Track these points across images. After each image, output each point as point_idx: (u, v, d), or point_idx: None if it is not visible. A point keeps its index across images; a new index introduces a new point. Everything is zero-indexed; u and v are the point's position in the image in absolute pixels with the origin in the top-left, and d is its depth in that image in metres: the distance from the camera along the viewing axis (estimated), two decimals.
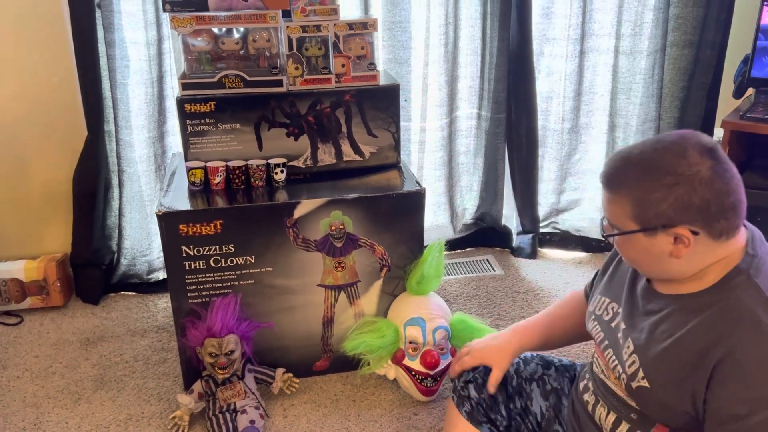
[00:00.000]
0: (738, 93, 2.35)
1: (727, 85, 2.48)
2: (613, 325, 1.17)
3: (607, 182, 1.05)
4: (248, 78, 1.84)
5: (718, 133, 2.40)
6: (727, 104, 2.46)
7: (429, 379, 1.81)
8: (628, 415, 1.12)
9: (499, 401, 1.35)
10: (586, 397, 1.23)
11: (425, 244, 1.93)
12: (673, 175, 0.97)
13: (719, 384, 0.96)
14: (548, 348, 1.39)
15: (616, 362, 1.13)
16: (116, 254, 2.42)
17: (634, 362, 1.08)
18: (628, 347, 1.10)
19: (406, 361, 1.82)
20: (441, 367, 1.81)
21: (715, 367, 0.96)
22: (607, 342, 1.17)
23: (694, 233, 0.99)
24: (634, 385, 1.08)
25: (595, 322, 1.22)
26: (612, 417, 1.15)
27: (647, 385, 1.05)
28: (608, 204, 1.05)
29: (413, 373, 1.82)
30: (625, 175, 1.02)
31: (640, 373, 1.07)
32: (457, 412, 1.35)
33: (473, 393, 1.34)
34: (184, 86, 1.83)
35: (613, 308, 1.19)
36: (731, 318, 0.97)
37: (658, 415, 1.07)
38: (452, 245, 2.68)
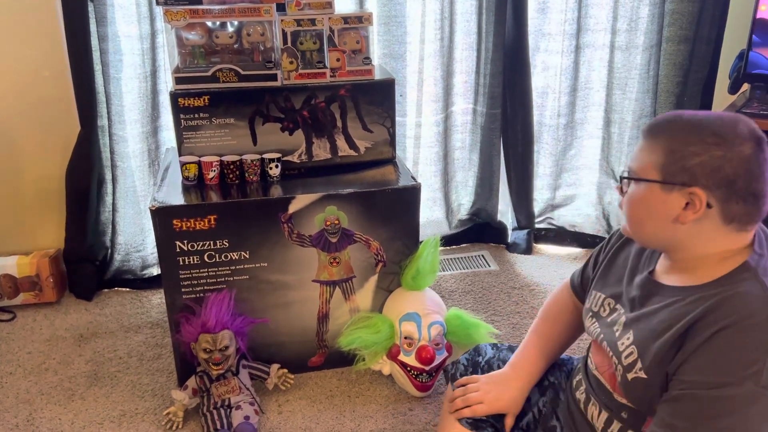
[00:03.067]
0: (733, 88, 2.35)
1: (722, 80, 2.48)
2: (609, 320, 1.16)
3: (649, 129, 1.04)
4: (242, 72, 1.83)
5: None
6: (722, 100, 2.46)
7: (424, 374, 1.81)
8: (619, 414, 1.11)
9: None
10: (578, 394, 1.22)
11: (420, 239, 1.92)
12: (717, 136, 0.97)
13: (692, 357, 0.97)
14: (550, 364, 1.37)
15: (612, 354, 1.12)
16: (110, 250, 2.40)
17: (632, 353, 1.07)
18: (628, 338, 1.09)
19: (402, 357, 1.82)
20: (436, 362, 1.80)
21: (697, 346, 0.96)
22: (603, 336, 1.17)
23: (708, 206, 0.98)
24: (630, 376, 1.07)
25: (593, 320, 1.21)
26: (604, 415, 1.14)
27: (644, 376, 1.05)
28: (640, 151, 1.04)
29: (408, 368, 1.81)
30: (671, 125, 1.02)
31: (638, 364, 1.06)
32: (456, 422, 1.33)
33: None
34: (178, 80, 1.82)
35: (609, 304, 1.18)
36: (728, 306, 0.96)
37: (652, 406, 1.07)
38: (447, 241, 2.68)
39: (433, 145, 2.56)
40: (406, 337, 1.81)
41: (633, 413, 1.10)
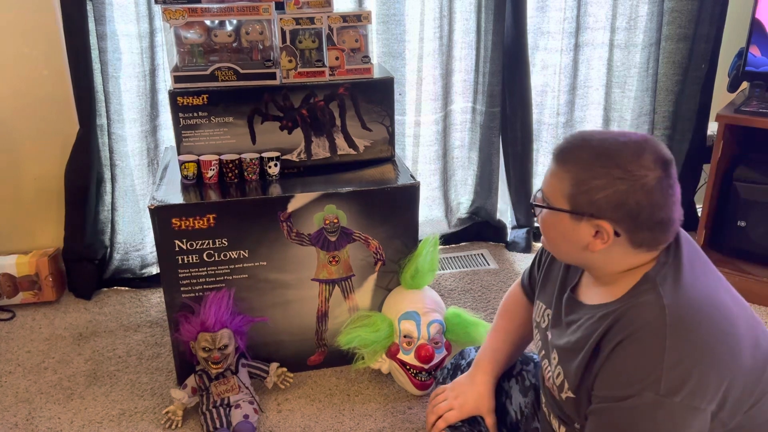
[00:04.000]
0: (732, 87, 2.35)
1: (721, 78, 2.48)
2: (547, 333, 1.18)
3: (557, 154, 1.04)
4: (241, 71, 1.83)
5: (713, 126, 2.40)
6: (721, 98, 2.46)
7: (423, 373, 1.81)
8: (573, 426, 1.12)
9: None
10: (543, 407, 1.23)
11: (420, 238, 1.92)
12: (621, 169, 0.97)
13: (600, 371, 1.00)
14: (515, 358, 1.38)
15: (550, 373, 1.14)
16: (109, 249, 2.40)
17: (560, 374, 1.10)
18: (554, 358, 1.11)
19: (401, 355, 1.82)
20: (435, 361, 1.81)
21: (603, 361, 1.00)
22: (543, 352, 1.18)
23: (616, 234, 0.99)
24: (563, 396, 1.09)
25: (536, 331, 1.23)
26: (563, 428, 1.15)
27: (572, 395, 1.07)
28: (550, 176, 1.05)
29: (408, 367, 1.81)
30: (578, 152, 1.01)
31: (566, 385, 1.08)
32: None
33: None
34: (177, 79, 1.82)
35: (547, 315, 1.20)
36: (626, 319, 0.98)
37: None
38: (447, 239, 2.68)
39: (432, 144, 2.55)
40: (405, 336, 1.81)
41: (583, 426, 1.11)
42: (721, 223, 2.33)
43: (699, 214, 2.43)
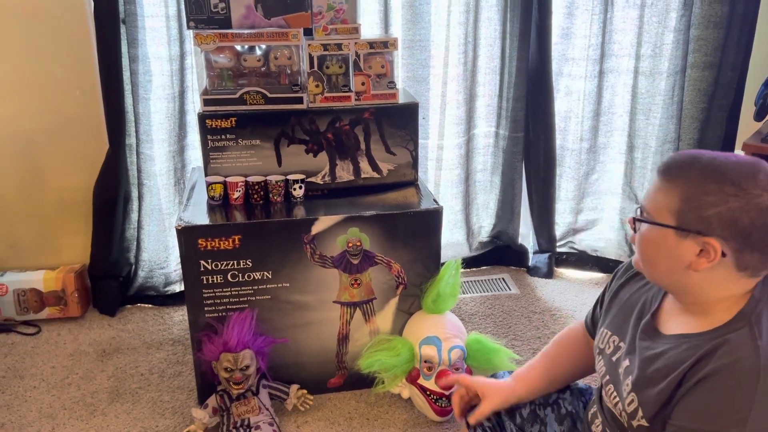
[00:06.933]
0: (759, 115, 2.33)
1: (748, 107, 2.46)
2: (614, 359, 1.16)
3: (665, 170, 1.02)
4: (269, 95, 1.86)
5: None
6: (748, 127, 2.44)
7: (444, 399, 1.80)
8: None
9: (510, 430, 1.33)
10: (593, 427, 1.21)
11: (441, 260, 1.92)
12: (735, 186, 0.94)
13: (681, 402, 0.98)
14: (552, 389, 1.36)
15: (617, 399, 1.12)
16: (134, 266, 2.44)
17: (632, 401, 1.07)
18: (627, 385, 1.09)
19: (421, 381, 1.81)
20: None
21: (685, 392, 0.98)
22: (608, 377, 1.16)
23: (722, 254, 0.97)
24: (634, 423, 1.07)
25: (600, 357, 1.21)
26: None
27: (646, 424, 1.05)
28: (655, 192, 1.02)
29: (428, 392, 1.80)
30: (688, 168, 0.99)
31: (639, 413, 1.06)
32: None
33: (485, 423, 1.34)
34: (206, 102, 1.85)
35: (614, 342, 1.17)
36: (717, 354, 0.96)
37: None
38: (468, 263, 2.68)
39: (454, 168, 2.56)
40: (426, 361, 1.81)
41: None
42: None
43: None
